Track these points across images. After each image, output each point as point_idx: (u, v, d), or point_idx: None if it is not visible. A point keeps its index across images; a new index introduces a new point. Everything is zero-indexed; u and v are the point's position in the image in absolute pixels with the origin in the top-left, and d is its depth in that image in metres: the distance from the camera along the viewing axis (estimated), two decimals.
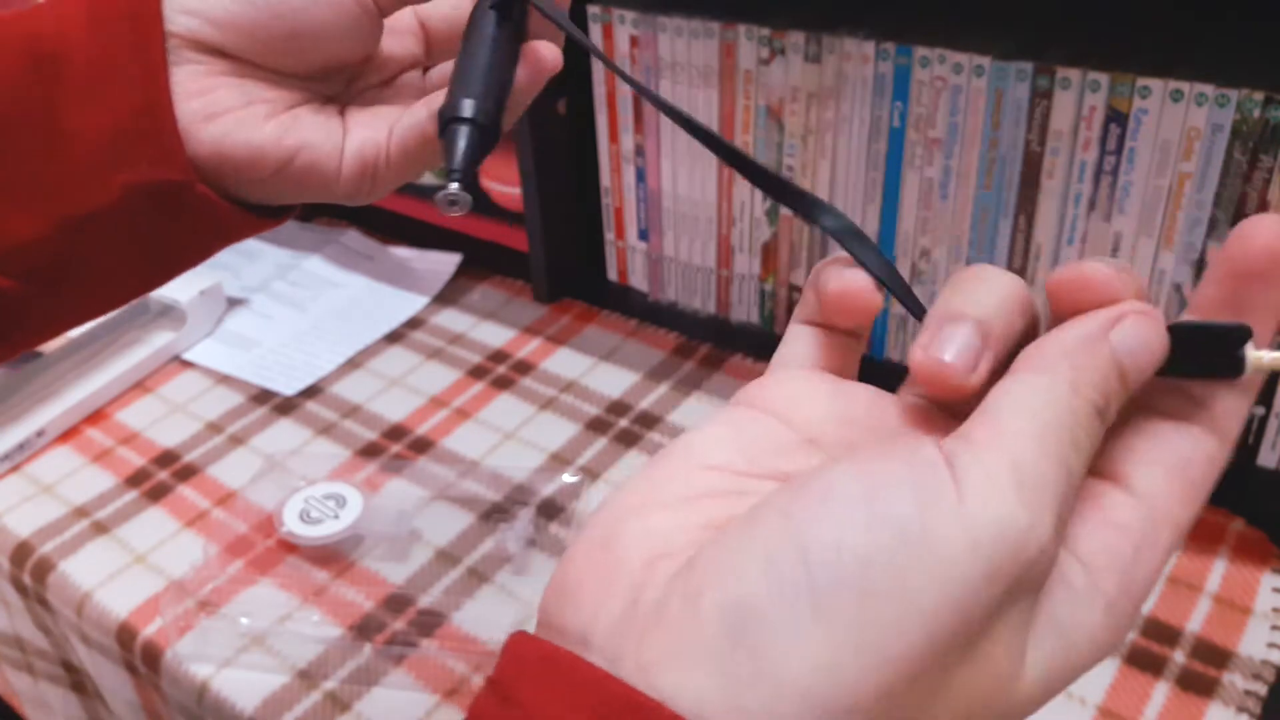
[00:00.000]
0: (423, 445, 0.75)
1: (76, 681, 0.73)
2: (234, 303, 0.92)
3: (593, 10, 0.80)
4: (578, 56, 0.82)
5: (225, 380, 0.83)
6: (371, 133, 0.39)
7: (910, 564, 0.21)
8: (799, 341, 0.30)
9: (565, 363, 0.82)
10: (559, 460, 0.73)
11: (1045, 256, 0.68)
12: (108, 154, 0.35)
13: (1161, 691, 0.55)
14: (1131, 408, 0.26)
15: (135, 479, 0.74)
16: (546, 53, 0.38)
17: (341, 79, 0.40)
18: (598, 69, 0.81)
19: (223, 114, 0.36)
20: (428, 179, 1.04)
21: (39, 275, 0.37)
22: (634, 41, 0.79)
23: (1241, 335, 0.25)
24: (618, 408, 0.77)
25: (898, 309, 0.77)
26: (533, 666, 0.23)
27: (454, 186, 0.34)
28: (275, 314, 0.91)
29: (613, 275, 0.91)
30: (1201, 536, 0.63)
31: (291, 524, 0.66)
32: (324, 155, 0.38)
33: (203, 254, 0.40)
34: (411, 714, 0.56)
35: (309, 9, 0.37)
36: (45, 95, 0.35)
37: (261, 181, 0.38)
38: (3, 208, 0.36)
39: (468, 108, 0.35)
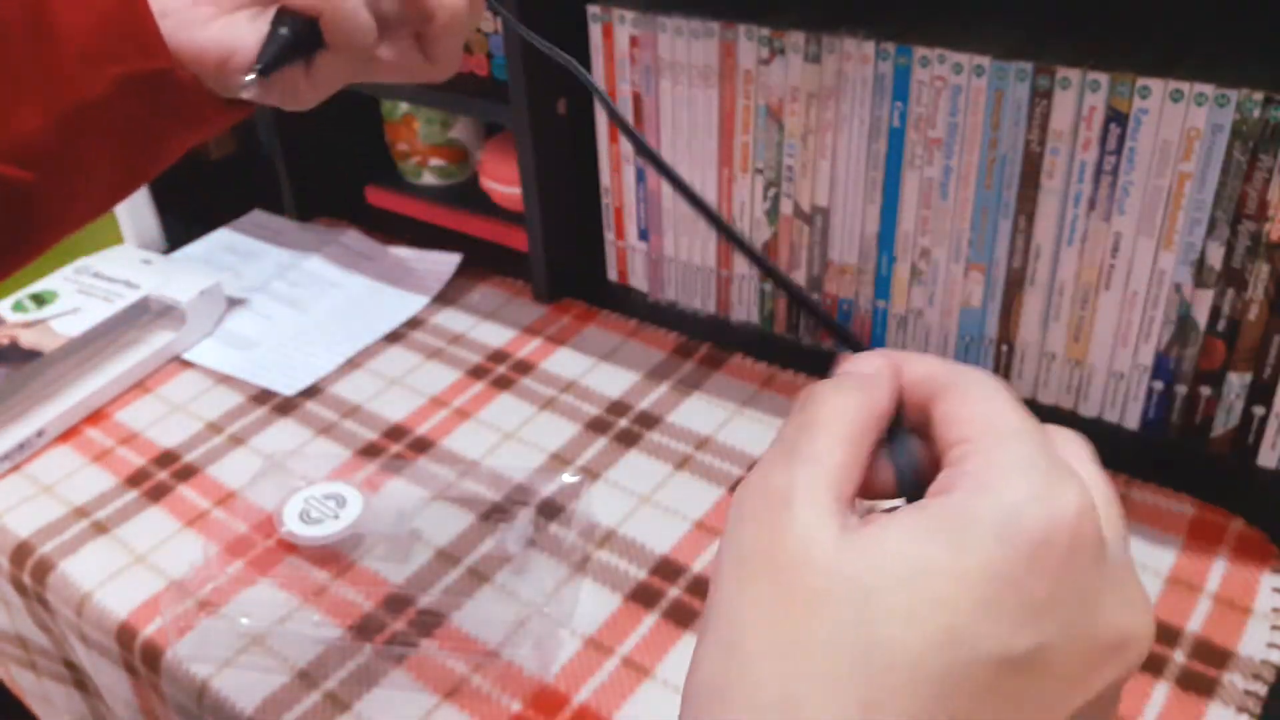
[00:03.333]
0: (423, 445, 0.75)
1: (78, 680, 0.73)
2: (234, 303, 0.92)
3: (593, 10, 0.80)
4: (577, 57, 0.82)
5: (225, 380, 0.83)
6: None
7: None
8: None
9: (565, 363, 0.82)
10: (559, 460, 0.73)
11: (1045, 256, 0.68)
12: (96, 49, 0.40)
13: (1161, 691, 0.55)
14: None
15: (135, 479, 0.74)
16: None
17: None
18: (597, 69, 0.81)
19: (170, 14, 0.41)
20: (427, 179, 1.04)
21: (47, 164, 0.42)
22: (634, 41, 0.79)
23: None
24: (618, 408, 0.77)
25: (897, 309, 0.77)
26: None
27: (249, 78, 0.42)
28: (275, 314, 0.91)
29: (613, 275, 0.91)
30: (1201, 536, 0.63)
31: (291, 524, 0.66)
32: (252, 57, 0.43)
33: (182, 146, 0.45)
34: (411, 714, 0.56)
35: None
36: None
37: (209, 77, 0.43)
38: (8, 102, 0.40)
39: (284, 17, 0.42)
